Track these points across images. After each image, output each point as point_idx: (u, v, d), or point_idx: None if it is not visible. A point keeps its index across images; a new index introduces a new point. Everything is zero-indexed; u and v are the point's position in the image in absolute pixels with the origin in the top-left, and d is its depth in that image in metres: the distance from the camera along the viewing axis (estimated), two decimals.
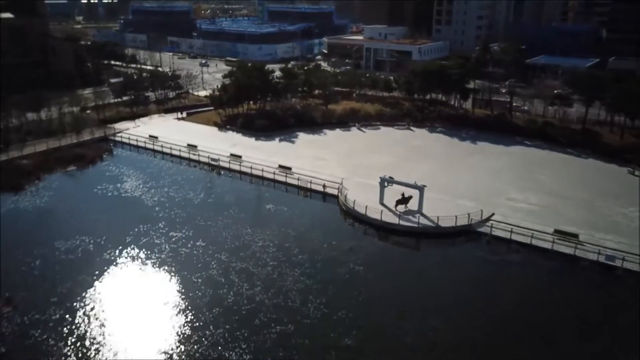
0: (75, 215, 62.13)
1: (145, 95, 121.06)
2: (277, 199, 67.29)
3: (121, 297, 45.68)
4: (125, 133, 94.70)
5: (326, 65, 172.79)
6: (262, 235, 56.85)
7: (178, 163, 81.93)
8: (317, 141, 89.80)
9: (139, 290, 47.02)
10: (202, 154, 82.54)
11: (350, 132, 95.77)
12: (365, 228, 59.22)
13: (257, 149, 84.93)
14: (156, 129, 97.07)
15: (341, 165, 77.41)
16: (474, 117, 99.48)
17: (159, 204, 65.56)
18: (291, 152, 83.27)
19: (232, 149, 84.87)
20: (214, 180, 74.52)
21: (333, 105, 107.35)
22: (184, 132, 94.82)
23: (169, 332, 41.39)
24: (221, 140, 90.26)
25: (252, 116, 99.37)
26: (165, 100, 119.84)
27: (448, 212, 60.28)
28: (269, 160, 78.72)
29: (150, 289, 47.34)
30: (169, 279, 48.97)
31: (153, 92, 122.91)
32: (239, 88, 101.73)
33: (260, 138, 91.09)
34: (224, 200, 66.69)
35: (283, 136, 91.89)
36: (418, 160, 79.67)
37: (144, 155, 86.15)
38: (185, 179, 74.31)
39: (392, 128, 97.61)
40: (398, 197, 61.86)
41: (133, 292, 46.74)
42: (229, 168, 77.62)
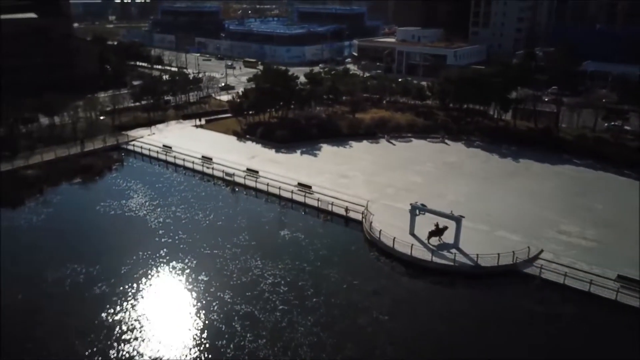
0: (72, 238, 56.40)
1: (166, 99, 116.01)
2: (294, 223, 60.20)
3: (102, 346, 39.32)
4: (139, 141, 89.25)
5: (355, 69, 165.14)
6: (273, 269, 49.83)
7: (191, 176, 75.79)
8: (341, 154, 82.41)
9: (124, 339, 40.57)
10: (217, 168, 76.21)
11: (378, 144, 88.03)
12: (393, 264, 51.52)
13: (276, 163, 78.09)
14: (171, 137, 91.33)
15: (367, 184, 69.90)
16: (515, 130, 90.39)
17: (163, 226, 59.31)
18: (312, 167, 76.16)
19: (250, 162, 78.31)
20: (226, 198, 67.96)
21: (361, 113, 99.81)
22: (201, 141, 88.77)
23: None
24: (239, 151, 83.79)
25: (273, 125, 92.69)
26: (185, 105, 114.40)
27: (488, 246, 52.23)
28: (288, 177, 71.81)
29: (138, 336, 40.84)
30: (162, 325, 42.38)
31: (173, 96, 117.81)
32: (259, 95, 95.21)
33: (280, 150, 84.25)
34: (235, 224, 59.96)
35: (305, 148, 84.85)
36: (453, 180, 71.45)
37: (155, 166, 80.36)
38: (196, 196, 67.99)
39: (424, 141, 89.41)
40: (431, 227, 54.02)
41: (117, 340, 40.29)
42: (244, 184, 70.99)
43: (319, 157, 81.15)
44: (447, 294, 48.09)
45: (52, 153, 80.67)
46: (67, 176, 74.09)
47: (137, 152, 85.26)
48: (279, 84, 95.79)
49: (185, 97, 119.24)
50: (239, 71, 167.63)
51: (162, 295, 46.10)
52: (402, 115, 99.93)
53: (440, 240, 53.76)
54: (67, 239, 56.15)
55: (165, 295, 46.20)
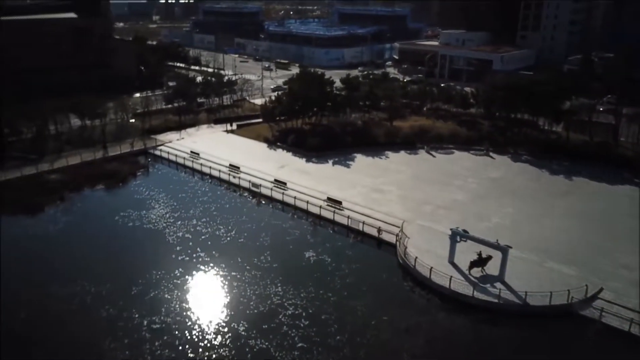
0: (86, 251, 53.23)
1: (199, 102, 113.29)
2: (321, 243, 55.38)
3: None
4: (167, 146, 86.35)
5: (396, 73, 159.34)
6: (295, 298, 45.12)
7: (217, 186, 72.05)
8: (376, 166, 77.05)
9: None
10: (244, 177, 72.21)
11: (417, 155, 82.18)
12: (429, 297, 45.97)
13: (306, 174, 73.47)
14: (200, 142, 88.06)
15: (403, 200, 64.38)
16: (568, 144, 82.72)
17: (182, 241, 55.51)
18: (345, 179, 71.16)
19: (278, 171, 74.00)
20: (251, 212, 63.72)
21: (399, 121, 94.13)
22: (230, 148, 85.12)
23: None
24: (268, 159, 79.61)
25: (305, 132, 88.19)
26: (218, 109, 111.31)
27: (538, 280, 46.15)
28: (318, 189, 67.10)
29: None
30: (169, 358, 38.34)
31: (207, 98, 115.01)
32: (292, 100, 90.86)
33: (311, 159, 79.58)
34: (258, 241, 55.60)
35: (338, 158, 79.92)
36: (497, 199, 65.08)
37: (181, 174, 77.06)
38: (219, 209, 64.06)
39: (467, 153, 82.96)
40: (473, 255, 48.20)
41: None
42: (270, 196, 66.63)
43: (351, 168, 76.06)
44: (489, 336, 42.16)
45: (78, 157, 78.52)
46: (90, 182, 71.56)
47: (164, 158, 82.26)
48: (314, 88, 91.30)
49: (219, 100, 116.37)
50: (276, 73, 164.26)
51: (171, 324, 42.07)
52: (444, 124, 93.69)
53: (483, 272, 47.87)
54: (81, 252, 53.02)
55: (174, 323, 42.15)
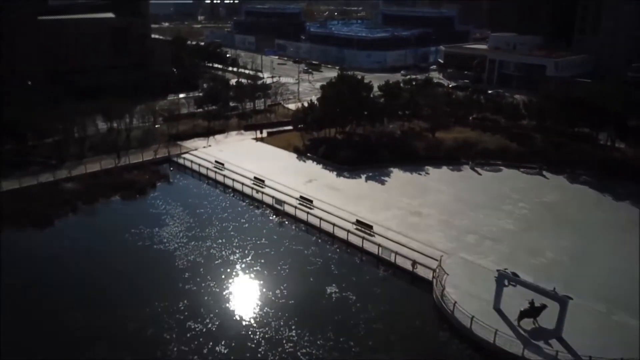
0: (86, 275, 48.43)
1: (232, 106, 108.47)
2: (346, 276, 48.78)
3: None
4: (192, 154, 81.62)
5: (440, 77, 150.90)
6: (310, 346, 38.71)
7: (239, 200, 66.50)
8: (415, 183, 69.78)
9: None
10: (269, 192, 66.39)
11: (461, 172, 74.36)
12: (469, 352, 38.70)
13: (336, 190, 66.96)
14: (227, 151, 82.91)
15: (443, 226, 57.00)
16: (634, 164, 73.00)
17: (192, 266, 50.07)
18: (378, 199, 64.29)
19: (306, 187, 67.84)
20: (272, 233, 57.71)
21: (442, 132, 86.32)
22: (257, 158, 79.56)
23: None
24: (296, 172, 73.52)
25: (338, 143, 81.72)
26: (250, 114, 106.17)
27: (603, 337, 38.25)
28: (347, 210, 60.51)
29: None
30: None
31: (239, 102, 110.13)
32: (326, 107, 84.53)
33: (343, 174, 73.03)
34: (275, 270, 49.54)
35: (372, 172, 73.10)
36: (552, 229, 56.72)
37: (203, 185, 71.95)
38: (238, 228, 58.38)
39: (517, 171, 74.50)
40: (523, 302, 40.57)
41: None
42: (294, 216, 60.49)
43: (386, 186, 69.05)
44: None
45: (97, 164, 74.72)
46: (106, 192, 67.26)
47: (187, 167, 77.44)
48: (351, 94, 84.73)
49: (252, 105, 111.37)
50: (317, 76, 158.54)
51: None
52: (492, 137, 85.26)
53: (535, 324, 40.18)
54: (81, 276, 48.27)
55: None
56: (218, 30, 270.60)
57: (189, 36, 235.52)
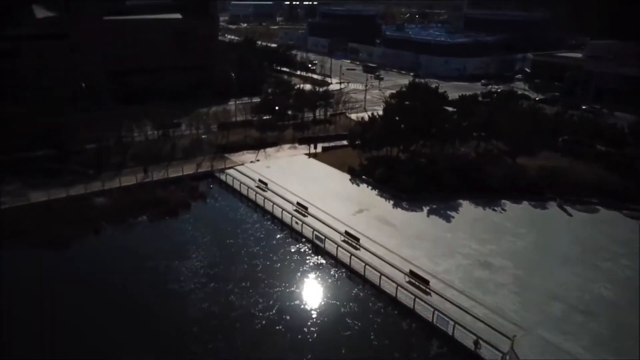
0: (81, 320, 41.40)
1: (291, 115, 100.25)
2: (388, 350, 38.43)
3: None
4: (237, 169, 74.07)
5: (526, 89, 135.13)
6: None
7: (276, 231, 57.68)
8: (487, 223, 57.86)
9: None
10: (311, 222, 57.13)
11: (545, 211, 61.34)
12: None
13: (390, 226, 56.47)
14: (274, 168, 74.55)
15: (519, 286, 45.12)
16: None
17: (204, 318, 41.72)
18: (440, 241, 53.18)
19: (355, 218, 57.95)
20: (306, 278, 48.33)
21: (525, 158, 73.17)
22: (306, 178, 70.56)
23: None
24: (347, 199, 63.70)
25: (399, 164, 70.93)
26: (309, 125, 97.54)
27: None
28: (401, 254, 50.04)
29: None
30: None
31: (299, 111, 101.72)
32: (389, 122, 74.09)
33: (401, 203, 62.34)
34: (299, 333, 40.13)
35: (436, 204, 61.91)
36: None
37: (241, 209, 63.84)
38: (268, 269, 49.54)
39: (619, 214, 60.40)
40: None
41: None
42: (335, 256, 50.76)
43: (452, 223, 57.59)
44: None
45: (132, 177, 68.85)
46: (135, 210, 60.82)
47: (228, 185, 69.80)
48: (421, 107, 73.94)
49: (313, 114, 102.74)
50: (388, 82, 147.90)
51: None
52: (587, 166, 71.11)
53: None
54: (75, 320, 41.31)
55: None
56: (293, 32, 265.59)
57: (263, 37, 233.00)
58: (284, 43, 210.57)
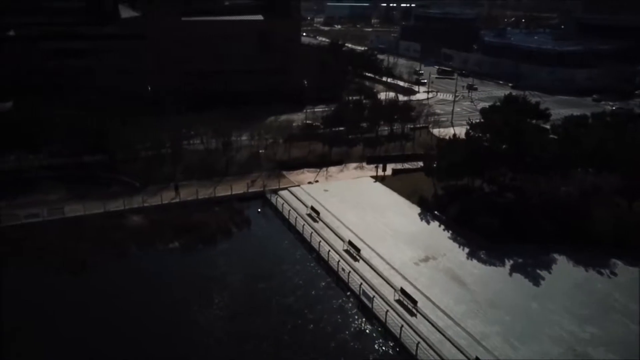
0: None
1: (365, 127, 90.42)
2: None
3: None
4: (291, 191, 65.69)
5: None
6: None
7: (319, 275, 48.20)
8: (589, 291, 44.56)
9: None
10: (361, 270, 47.17)
11: None
12: None
13: (460, 284, 45.03)
14: (333, 192, 65.18)
15: None
16: None
17: None
18: (523, 312, 41.05)
19: (418, 268, 47.14)
20: (342, 350, 38.35)
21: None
22: (367, 207, 60.42)
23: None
24: (411, 240, 52.77)
25: (481, 200, 58.78)
26: (381, 140, 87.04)
27: None
28: (468, 328, 38.72)
29: None
30: None
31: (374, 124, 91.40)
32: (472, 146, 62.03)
33: (478, 254, 50.39)
34: None
35: (524, 259, 49.38)
36: None
37: (285, 241, 55.04)
38: (298, 329, 40.24)
39: None
40: None
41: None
42: (384, 323, 40.37)
43: (542, 289, 44.88)
44: None
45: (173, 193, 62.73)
46: (167, 235, 54.30)
47: (278, 211, 61.47)
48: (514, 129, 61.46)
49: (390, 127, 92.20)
50: (482, 93, 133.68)
51: None
52: None
53: None
54: None
55: None
56: (384, 35, 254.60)
57: (354, 40, 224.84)
58: (374, 47, 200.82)
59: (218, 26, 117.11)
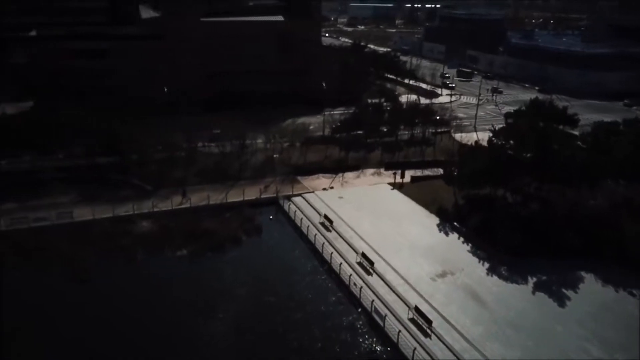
0: None
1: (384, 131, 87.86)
2: None
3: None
4: (305, 198, 63.57)
5: None
6: None
7: (330, 291, 45.69)
8: (619, 313, 41.32)
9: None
10: (374, 286, 44.75)
11: None
12: None
13: (479, 303, 42.24)
14: (348, 199, 62.89)
15: None
16: None
17: None
18: (545, 335, 38.11)
19: (435, 284, 44.54)
20: None
21: None
22: (382, 217, 57.89)
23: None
24: (428, 254, 50.05)
25: (503, 211, 55.68)
26: (400, 145, 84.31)
27: None
28: (484, 350, 36.03)
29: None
30: None
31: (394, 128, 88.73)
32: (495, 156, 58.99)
33: (499, 269, 47.48)
34: None
35: (548, 275, 46.36)
36: None
37: (296, 251, 52.83)
38: (303, 348, 38.06)
39: None
40: None
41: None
42: (396, 344, 37.86)
43: (567, 310, 41.80)
44: None
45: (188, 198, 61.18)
46: (176, 242, 52.71)
47: (290, 218, 59.37)
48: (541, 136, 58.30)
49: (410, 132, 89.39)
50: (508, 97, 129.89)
51: None
52: None
53: None
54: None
55: None
56: (408, 36, 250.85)
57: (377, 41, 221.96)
58: (397, 48, 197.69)
59: (237, 27, 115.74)
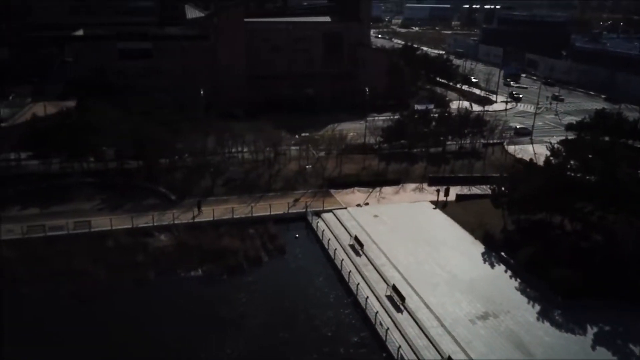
0: None
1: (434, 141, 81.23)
2: None
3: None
4: (336, 214, 58.41)
5: None
6: None
7: (353, 330, 40.20)
8: None
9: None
10: (403, 327, 39.02)
11: None
12: None
13: (525, 353, 35.71)
14: (383, 218, 57.16)
15: None
16: None
17: None
18: None
19: (473, 329, 38.33)
20: None
21: None
22: (419, 242, 51.84)
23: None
24: (469, 290, 43.70)
25: (559, 242, 48.51)
26: (446, 157, 77.68)
27: None
28: None
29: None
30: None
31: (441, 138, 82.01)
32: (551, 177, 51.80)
33: (552, 314, 40.61)
34: None
35: (612, 325, 39.20)
36: None
37: (320, 278, 47.54)
38: None
39: None
40: None
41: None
42: None
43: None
44: None
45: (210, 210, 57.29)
46: (192, 260, 48.79)
47: (317, 237, 54.35)
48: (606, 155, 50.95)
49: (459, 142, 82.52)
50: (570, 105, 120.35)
51: None
52: None
53: None
54: None
55: None
56: (464, 38, 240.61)
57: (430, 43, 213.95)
58: (451, 50, 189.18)
59: (281, 28, 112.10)
